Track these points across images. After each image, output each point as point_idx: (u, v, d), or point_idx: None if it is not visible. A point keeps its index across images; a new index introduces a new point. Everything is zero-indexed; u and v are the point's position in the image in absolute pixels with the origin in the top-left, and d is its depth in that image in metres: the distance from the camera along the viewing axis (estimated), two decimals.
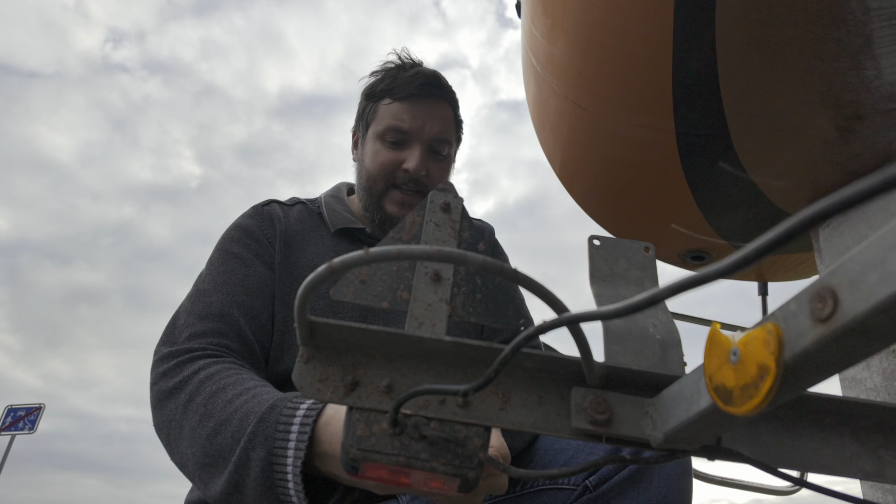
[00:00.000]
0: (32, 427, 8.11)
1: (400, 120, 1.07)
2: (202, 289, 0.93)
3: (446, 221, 0.45)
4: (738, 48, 1.13)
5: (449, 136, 1.11)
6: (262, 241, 1.00)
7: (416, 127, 1.07)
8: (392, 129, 1.07)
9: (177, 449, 0.76)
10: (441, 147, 1.09)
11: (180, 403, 0.77)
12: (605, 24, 1.27)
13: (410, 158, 1.06)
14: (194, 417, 0.74)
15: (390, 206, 1.07)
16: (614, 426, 0.34)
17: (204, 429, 0.72)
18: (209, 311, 0.89)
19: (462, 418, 0.35)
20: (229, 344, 0.87)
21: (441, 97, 1.11)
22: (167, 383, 0.80)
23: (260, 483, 0.66)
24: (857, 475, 0.36)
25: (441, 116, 1.10)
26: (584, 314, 0.29)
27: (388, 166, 1.06)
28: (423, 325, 0.39)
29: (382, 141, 1.08)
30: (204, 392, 0.75)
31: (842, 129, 1.17)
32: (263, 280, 0.96)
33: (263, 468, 0.66)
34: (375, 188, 1.08)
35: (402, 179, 1.07)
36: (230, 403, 0.73)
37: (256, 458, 0.67)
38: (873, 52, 1.04)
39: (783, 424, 0.36)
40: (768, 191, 1.38)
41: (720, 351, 0.27)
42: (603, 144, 1.52)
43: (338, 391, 0.35)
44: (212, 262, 0.98)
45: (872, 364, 1.20)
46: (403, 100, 1.08)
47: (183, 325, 0.87)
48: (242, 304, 0.91)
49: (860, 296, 0.20)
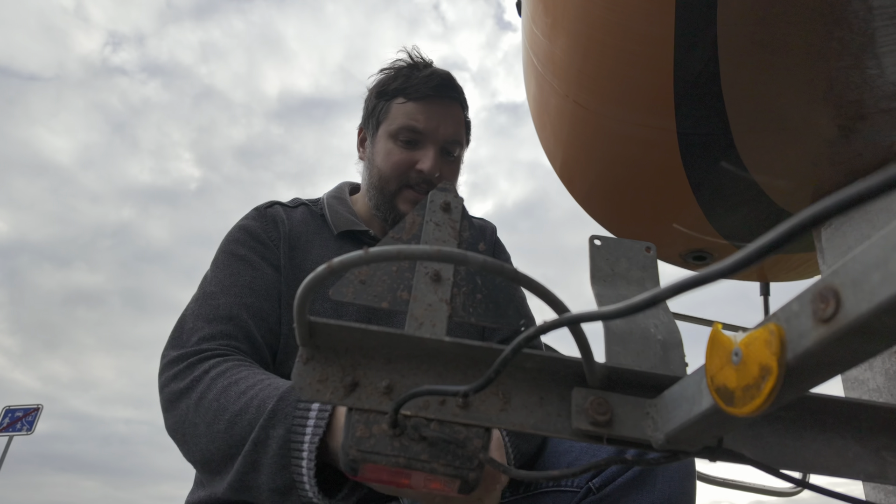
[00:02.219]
0: (30, 428, 8.09)
1: (415, 120, 1.06)
2: (209, 291, 0.92)
3: (446, 221, 0.45)
4: (740, 47, 1.13)
5: (461, 137, 1.12)
6: (267, 244, 1.00)
7: (430, 128, 1.06)
8: (406, 129, 1.06)
9: (195, 447, 0.75)
10: (453, 148, 1.10)
11: (192, 402, 0.76)
12: (606, 22, 1.26)
13: (425, 159, 1.05)
14: (209, 414, 0.74)
15: (404, 206, 1.07)
16: (615, 427, 0.34)
17: (220, 423, 0.72)
18: (217, 314, 0.88)
19: (462, 419, 0.35)
20: (238, 346, 0.86)
21: (455, 98, 1.11)
22: (178, 385, 0.79)
23: (276, 460, 0.66)
24: (859, 476, 0.35)
25: (454, 118, 1.10)
26: (585, 314, 0.29)
27: (401, 166, 1.06)
28: (423, 326, 0.39)
29: (395, 140, 1.07)
30: (215, 388, 0.75)
31: (844, 128, 1.16)
32: (271, 282, 0.95)
33: (281, 445, 0.66)
34: (388, 188, 1.07)
35: (415, 180, 1.06)
36: (244, 394, 0.73)
37: (276, 435, 0.67)
38: (876, 51, 1.03)
39: (785, 425, 0.36)
40: (770, 190, 1.37)
41: (722, 351, 0.26)
42: (604, 144, 1.52)
43: (337, 392, 0.35)
44: (217, 265, 0.97)
45: (875, 365, 1.20)
46: (418, 100, 1.07)
47: (191, 329, 0.87)
48: (251, 306, 0.90)
49: (863, 296, 0.20)
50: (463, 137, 1.13)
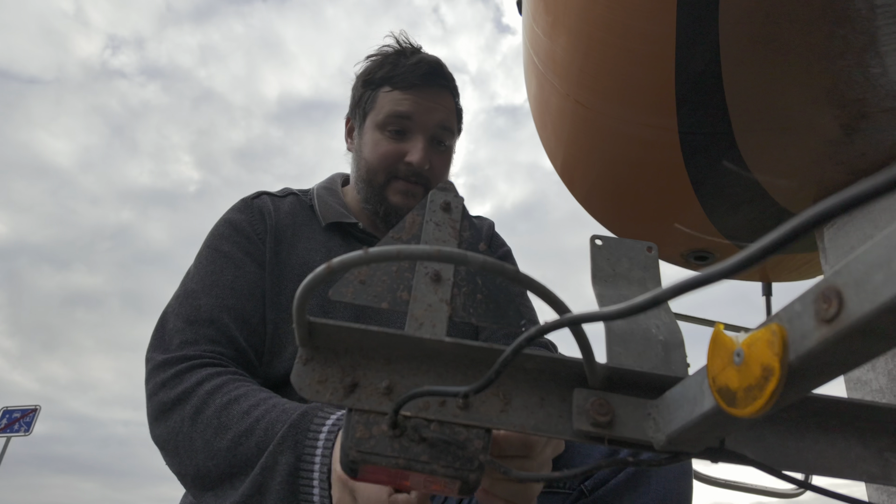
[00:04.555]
0: (28, 429, 8.06)
1: (402, 110, 1.02)
2: (190, 289, 0.90)
3: (447, 221, 0.45)
4: (742, 45, 1.12)
5: (451, 126, 1.07)
6: (252, 238, 0.97)
7: (419, 117, 1.02)
8: (394, 119, 1.02)
9: (188, 461, 0.74)
10: (443, 137, 1.05)
11: (186, 416, 0.75)
12: (607, 20, 1.26)
13: (413, 151, 1.01)
14: (208, 430, 0.72)
15: (394, 197, 1.03)
16: (616, 428, 0.34)
17: (222, 441, 0.71)
18: (199, 316, 0.86)
19: (462, 420, 0.35)
20: (224, 351, 0.84)
21: (444, 86, 1.06)
22: (168, 394, 0.78)
23: (284, 486, 0.66)
24: (862, 478, 0.35)
25: (444, 106, 1.05)
26: (586, 315, 0.29)
27: (389, 158, 1.02)
28: (424, 326, 0.39)
29: (383, 131, 1.03)
30: (213, 404, 0.74)
31: (847, 127, 1.16)
32: (254, 281, 0.92)
33: (290, 472, 0.66)
34: (377, 180, 1.03)
35: (404, 172, 1.02)
36: (248, 414, 0.72)
37: (284, 462, 0.66)
38: (878, 50, 1.03)
39: (787, 426, 0.36)
40: (772, 190, 1.37)
41: (724, 352, 0.26)
42: (605, 143, 1.51)
43: (337, 393, 0.35)
44: (200, 261, 0.94)
45: (878, 365, 1.20)
46: (406, 89, 1.02)
47: (173, 330, 0.85)
48: (233, 308, 0.88)
49: (865, 296, 0.19)
50: (454, 126, 1.09)
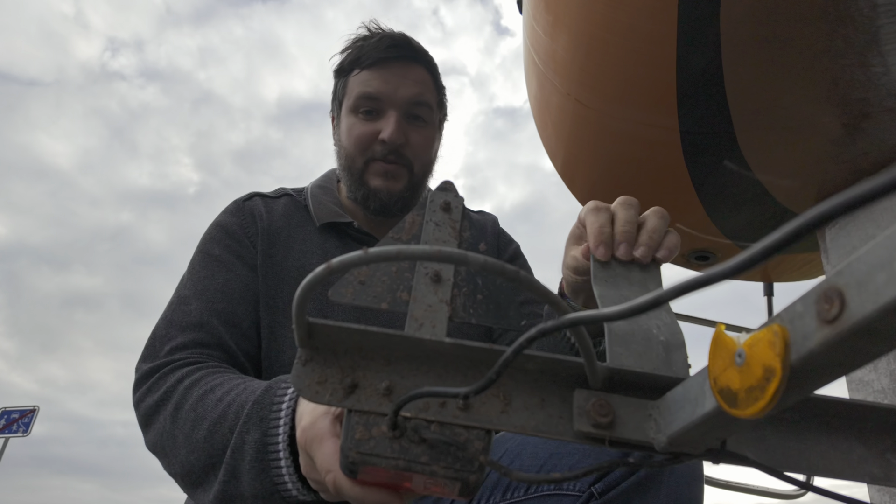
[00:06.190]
0: (26, 430, 8.04)
1: (369, 87, 0.98)
2: (182, 295, 0.89)
3: (446, 221, 0.45)
4: (743, 44, 1.12)
5: (427, 98, 1.02)
6: (243, 241, 0.95)
7: (387, 92, 0.98)
8: (363, 99, 0.99)
9: (175, 460, 0.72)
10: (419, 110, 1.01)
11: (168, 414, 0.74)
12: (608, 20, 1.26)
13: (386, 127, 0.97)
14: (186, 424, 0.71)
15: (374, 181, 0.99)
16: (617, 429, 0.33)
17: (199, 432, 0.69)
18: (188, 321, 0.85)
19: (463, 421, 0.34)
20: (213, 353, 0.83)
21: (413, 59, 1.02)
22: (151, 398, 0.77)
23: (254, 466, 0.63)
24: (864, 479, 0.35)
25: (415, 78, 1.01)
26: (587, 316, 0.29)
27: (363, 139, 0.99)
28: (424, 327, 0.38)
29: (356, 114, 1.00)
30: (191, 398, 0.73)
31: (849, 126, 1.15)
32: (245, 284, 0.91)
33: (258, 449, 0.63)
34: (355, 166, 1.00)
35: (380, 153, 0.98)
36: (220, 401, 0.70)
37: (251, 440, 0.64)
38: (880, 49, 1.03)
39: (789, 427, 0.36)
40: (774, 190, 1.36)
41: (725, 353, 0.26)
42: (606, 142, 1.51)
43: (336, 393, 0.35)
44: (192, 266, 0.94)
45: (880, 366, 1.19)
46: (371, 66, 0.99)
47: (163, 337, 0.84)
48: (222, 312, 0.87)
49: (867, 296, 0.19)
50: (430, 100, 1.03)
